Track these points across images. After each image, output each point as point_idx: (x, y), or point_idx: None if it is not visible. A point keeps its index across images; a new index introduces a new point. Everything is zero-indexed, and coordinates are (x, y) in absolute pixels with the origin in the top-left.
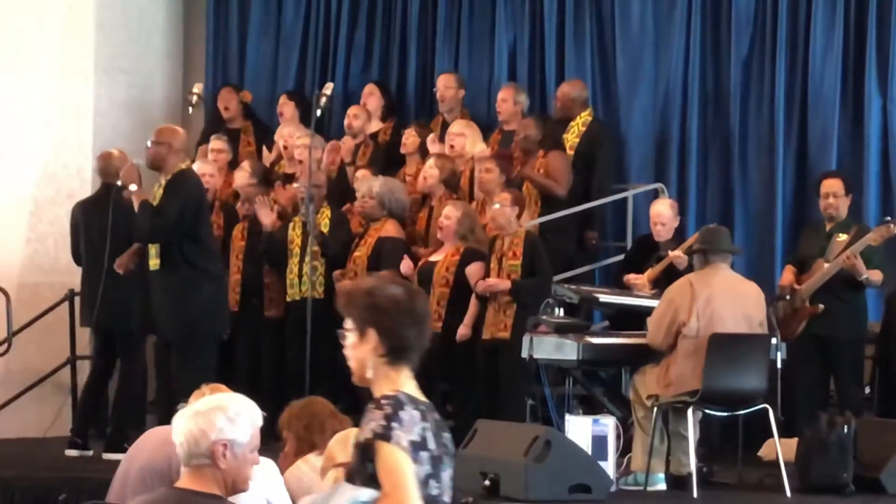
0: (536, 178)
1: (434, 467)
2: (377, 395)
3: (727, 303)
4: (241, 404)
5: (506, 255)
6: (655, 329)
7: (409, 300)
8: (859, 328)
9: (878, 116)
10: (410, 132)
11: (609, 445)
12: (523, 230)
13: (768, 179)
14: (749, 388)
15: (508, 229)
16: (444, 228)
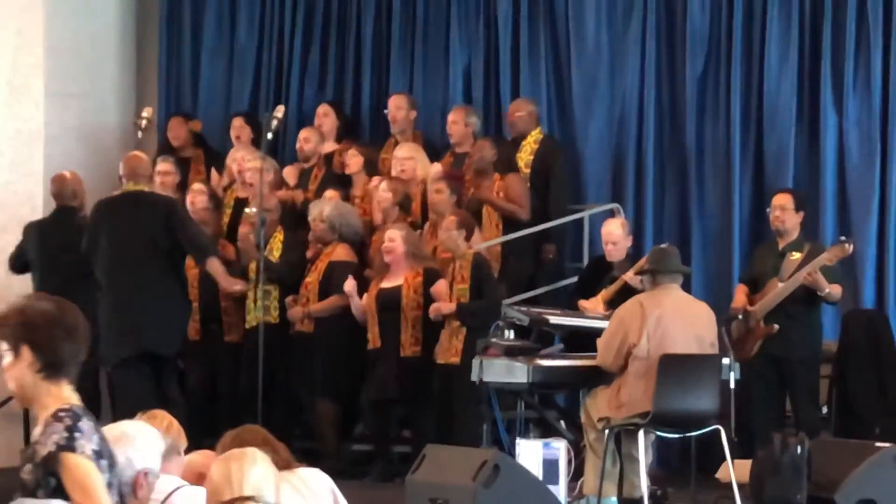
0: (499, 202)
1: (111, 475)
2: (41, 411)
3: (678, 323)
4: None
5: (455, 279)
6: (605, 350)
7: (60, 314)
8: (815, 348)
9: (834, 134)
10: (353, 153)
11: (560, 469)
12: (471, 253)
13: (725, 198)
14: (701, 410)
15: (457, 252)
16: (392, 252)
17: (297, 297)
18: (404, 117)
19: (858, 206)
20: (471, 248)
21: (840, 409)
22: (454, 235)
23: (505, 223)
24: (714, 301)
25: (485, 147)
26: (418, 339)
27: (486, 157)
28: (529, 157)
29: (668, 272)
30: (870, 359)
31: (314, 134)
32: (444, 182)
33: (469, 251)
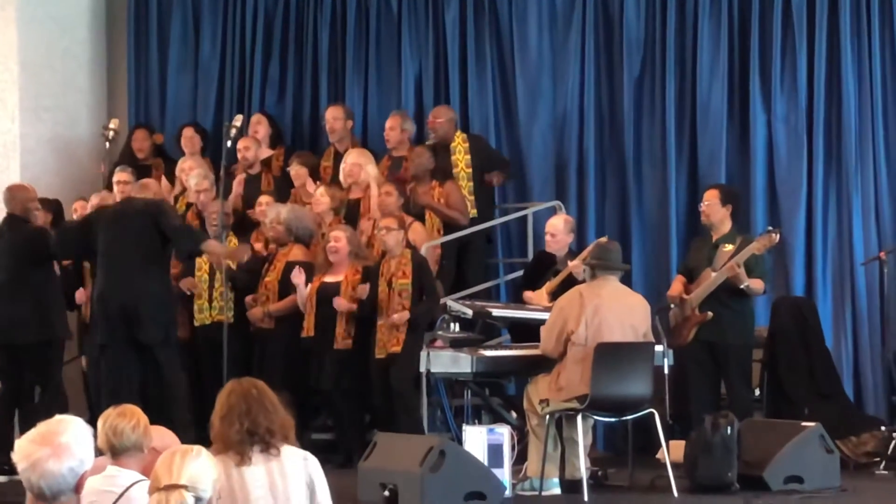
0: (441, 208)
1: None
2: None
3: (615, 313)
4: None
5: (395, 276)
6: (547, 337)
7: None
8: (747, 333)
9: (763, 132)
10: (296, 167)
11: (504, 453)
12: (409, 251)
13: (662, 194)
14: (635, 394)
15: (396, 251)
16: (337, 251)
17: (256, 296)
18: (342, 127)
19: (787, 200)
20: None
21: (771, 392)
22: (394, 234)
23: (444, 227)
24: (653, 291)
25: (423, 154)
26: (350, 332)
27: (423, 164)
28: (466, 156)
29: (608, 268)
30: (799, 344)
31: (252, 142)
32: (393, 185)
33: (406, 250)
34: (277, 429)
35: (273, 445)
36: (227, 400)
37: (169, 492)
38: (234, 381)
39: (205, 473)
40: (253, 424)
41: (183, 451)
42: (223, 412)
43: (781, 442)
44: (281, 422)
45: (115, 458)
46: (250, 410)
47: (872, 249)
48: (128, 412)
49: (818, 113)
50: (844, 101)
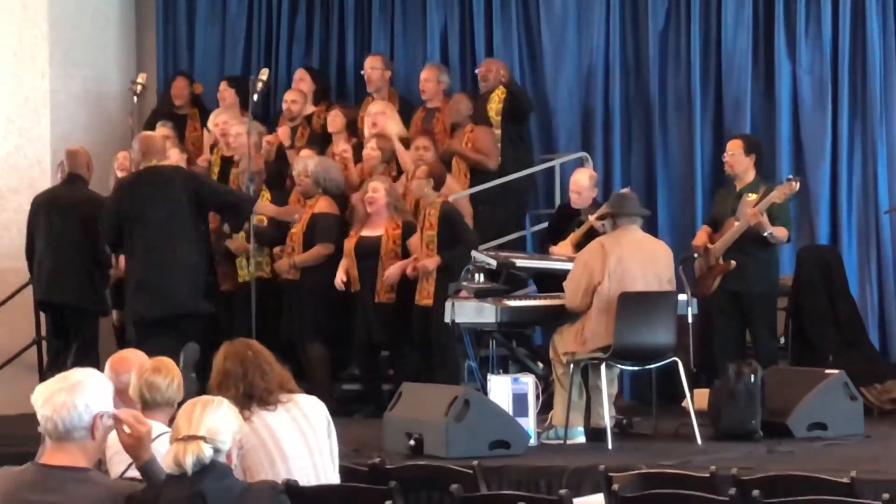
0: (467, 153)
1: None
2: None
3: (637, 262)
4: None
5: (424, 227)
6: (573, 292)
7: None
8: (771, 282)
9: (788, 82)
10: (336, 113)
11: (529, 402)
12: (439, 202)
13: (687, 145)
14: (659, 343)
15: (426, 202)
16: (374, 202)
17: (283, 247)
18: (380, 77)
19: (812, 149)
20: (440, 198)
21: (796, 340)
22: (423, 184)
23: (473, 173)
24: (679, 241)
25: (461, 102)
26: (392, 286)
27: (462, 112)
28: (499, 105)
29: (627, 215)
30: (824, 292)
31: (300, 95)
32: (429, 139)
33: (438, 199)
34: (275, 387)
35: (270, 402)
36: (222, 365)
37: (187, 442)
38: (227, 344)
39: (224, 425)
40: (250, 387)
41: (204, 402)
42: (219, 378)
43: (805, 390)
44: (278, 380)
45: (146, 411)
46: (247, 374)
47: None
48: (163, 368)
49: (843, 62)
50: (869, 50)
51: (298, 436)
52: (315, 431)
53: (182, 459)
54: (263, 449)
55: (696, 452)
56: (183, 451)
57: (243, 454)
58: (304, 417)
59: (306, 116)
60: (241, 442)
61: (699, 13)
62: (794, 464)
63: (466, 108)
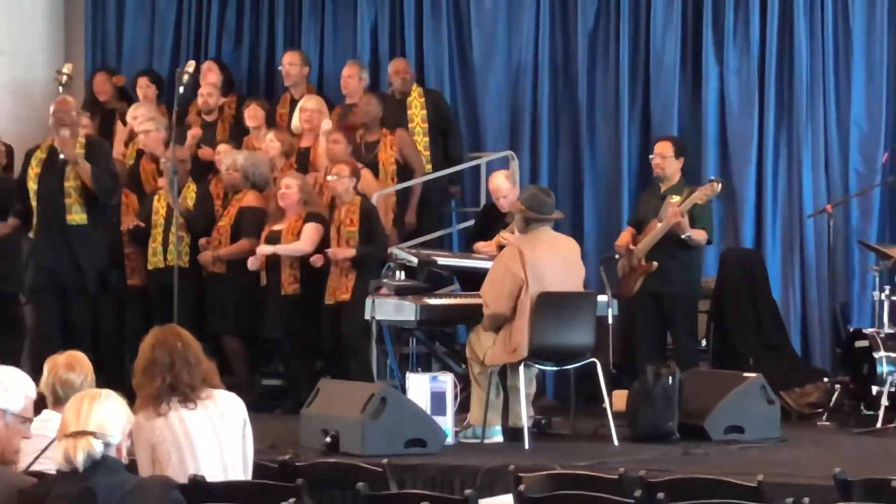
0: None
1: None
2: None
3: (554, 264)
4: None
5: (343, 223)
6: (496, 297)
7: None
8: (693, 284)
9: (716, 84)
10: (255, 108)
11: (447, 401)
12: (359, 199)
13: (614, 145)
14: (577, 344)
15: (345, 198)
16: (286, 198)
17: (209, 239)
18: (298, 73)
19: (738, 152)
20: (358, 195)
21: (717, 343)
22: (346, 182)
23: (399, 176)
24: (605, 241)
25: (371, 102)
26: (297, 277)
27: (371, 112)
28: (422, 111)
29: (540, 219)
30: (746, 295)
31: (214, 89)
32: (341, 133)
33: (357, 197)
34: (198, 383)
35: (191, 399)
36: (150, 352)
37: (77, 438)
38: (156, 329)
39: (113, 418)
40: (175, 379)
41: (91, 396)
42: (146, 365)
43: (723, 392)
44: (203, 374)
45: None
46: (173, 365)
47: (821, 202)
48: (77, 365)
49: (770, 66)
50: (796, 54)
51: (212, 434)
52: (229, 431)
53: (72, 456)
54: (175, 444)
55: (611, 454)
56: (73, 447)
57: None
58: (220, 416)
59: (219, 108)
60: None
61: (628, 15)
62: (707, 466)
63: (376, 108)
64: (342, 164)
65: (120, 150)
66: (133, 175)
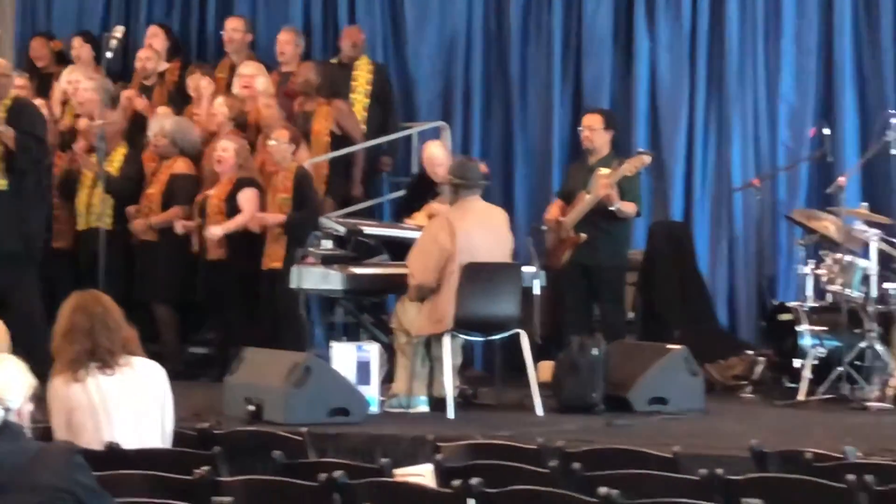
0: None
1: None
2: None
3: (482, 234)
4: None
5: (278, 190)
6: (423, 268)
7: None
8: (620, 256)
9: (647, 58)
10: (197, 74)
11: (373, 370)
12: (295, 165)
13: (546, 117)
14: (502, 315)
15: (283, 165)
16: (224, 162)
17: (138, 207)
18: (240, 39)
19: (668, 126)
20: (295, 161)
21: (644, 315)
22: (284, 148)
23: (334, 147)
24: (535, 214)
25: (310, 70)
26: (223, 242)
27: (311, 81)
28: (369, 76)
29: (470, 187)
30: (673, 268)
31: (153, 53)
32: (273, 99)
33: (293, 164)
34: (118, 348)
35: (110, 365)
36: (70, 317)
37: None
38: (77, 294)
39: (12, 382)
40: (94, 344)
41: None
42: (65, 329)
43: (647, 364)
44: (123, 339)
45: None
46: (93, 330)
47: (750, 176)
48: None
49: (700, 40)
50: (727, 29)
51: (129, 402)
52: (147, 399)
53: None
54: (91, 410)
55: (535, 424)
56: None
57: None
58: (139, 383)
59: (159, 73)
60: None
61: None
62: (629, 437)
63: (314, 77)
64: (283, 130)
65: (55, 111)
66: (66, 137)
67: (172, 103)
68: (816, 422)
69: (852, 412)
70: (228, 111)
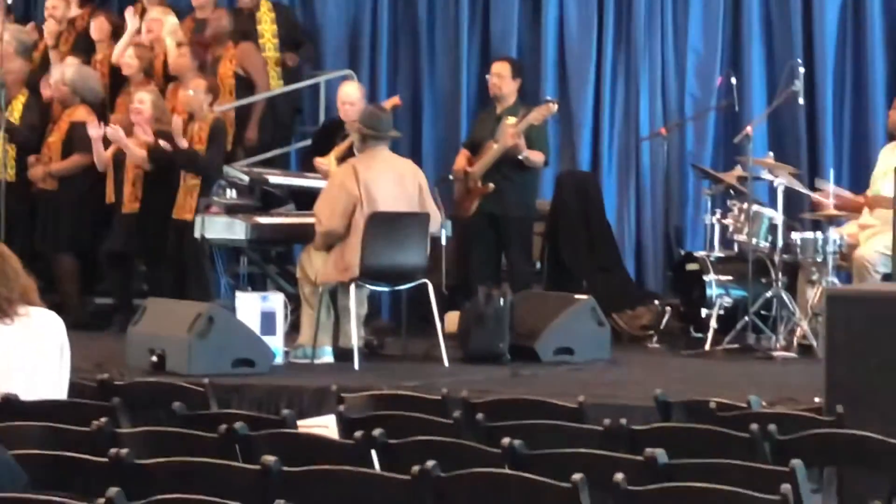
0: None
1: None
2: None
3: (388, 184)
4: None
5: (194, 140)
6: (330, 214)
7: None
8: (528, 206)
9: (555, 6)
10: (102, 20)
11: (277, 321)
12: (212, 116)
13: (454, 67)
14: (409, 264)
15: (199, 115)
16: (140, 113)
17: (39, 156)
18: None
19: (576, 75)
20: (212, 112)
21: (551, 265)
22: (201, 98)
23: (238, 90)
24: (444, 163)
25: (222, 17)
26: (138, 196)
27: (222, 27)
28: (272, 26)
29: (377, 137)
30: (580, 217)
31: (61, 2)
32: (188, 47)
33: (211, 114)
34: (16, 297)
35: (7, 314)
36: None
37: None
38: None
39: None
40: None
41: None
42: None
43: (554, 314)
44: (21, 288)
45: None
46: None
47: (658, 126)
48: None
49: None
50: None
51: (25, 352)
52: (44, 350)
53: None
54: None
55: (441, 374)
56: None
57: None
58: (35, 334)
59: (70, 20)
60: None
61: None
62: (535, 387)
63: (228, 22)
64: (200, 80)
65: None
66: None
67: (83, 52)
68: (722, 371)
69: (758, 361)
70: (139, 63)
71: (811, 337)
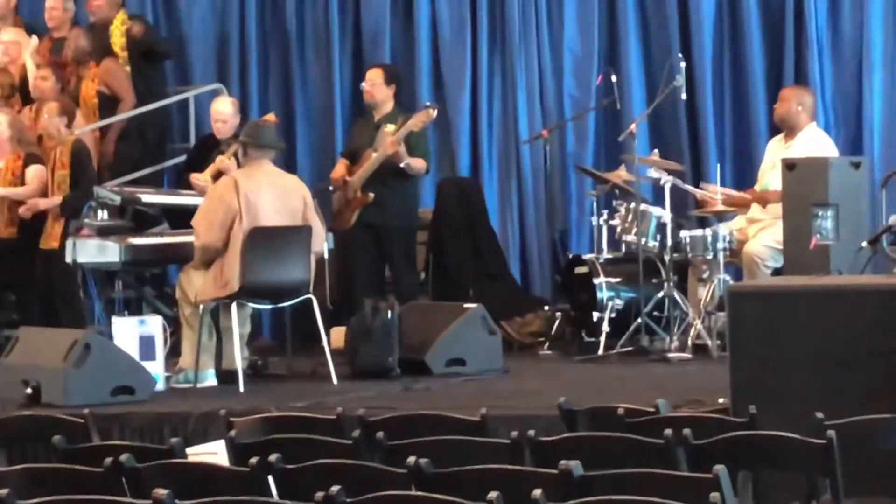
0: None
1: None
2: None
3: (269, 198)
4: None
5: (56, 166)
6: (208, 227)
7: None
8: (410, 215)
9: (427, 11)
10: None
11: (157, 345)
12: (71, 139)
13: (326, 75)
14: (292, 280)
15: (58, 139)
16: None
17: None
18: (4, 4)
19: (452, 80)
20: (72, 135)
21: (437, 275)
22: (56, 122)
23: (102, 109)
24: (319, 174)
25: (80, 37)
26: (13, 220)
27: (81, 47)
28: (122, 39)
29: (259, 147)
30: (463, 224)
31: None
32: (49, 69)
33: (70, 137)
34: None
35: None
36: None
37: None
38: None
39: None
40: None
41: None
42: None
43: (443, 325)
44: None
45: None
46: None
47: (537, 128)
48: None
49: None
50: None
51: None
52: None
53: None
54: None
55: (330, 392)
56: None
57: None
58: None
59: None
60: None
61: None
62: (429, 401)
63: (86, 42)
64: (53, 103)
65: None
66: None
67: None
68: (619, 376)
69: (653, 364)
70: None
71: (706, 336)
